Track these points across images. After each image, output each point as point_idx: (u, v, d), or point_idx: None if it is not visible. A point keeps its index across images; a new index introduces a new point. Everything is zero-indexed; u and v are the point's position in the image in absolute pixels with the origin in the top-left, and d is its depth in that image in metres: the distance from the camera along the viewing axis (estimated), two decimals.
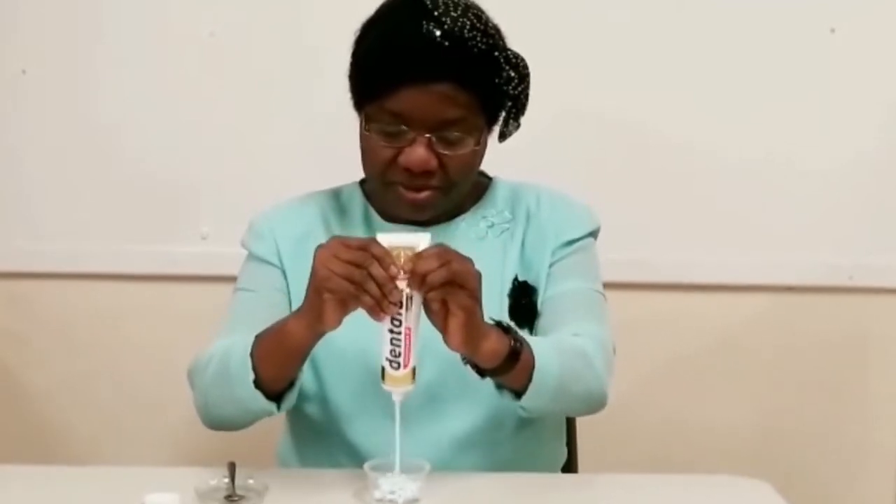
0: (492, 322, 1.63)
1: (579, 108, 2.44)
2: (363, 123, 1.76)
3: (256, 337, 1.65)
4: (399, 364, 1.57)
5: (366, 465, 1.62)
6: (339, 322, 1.56)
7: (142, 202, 2.52)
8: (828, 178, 2.50)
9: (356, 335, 1.67)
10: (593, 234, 1.90)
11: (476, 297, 1.56)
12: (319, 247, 1.57)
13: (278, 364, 1.65)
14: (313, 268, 1.56)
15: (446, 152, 1.73)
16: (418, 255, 1.54)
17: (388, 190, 1.79)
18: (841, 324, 2.55)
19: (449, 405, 1.75)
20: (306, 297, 1.58)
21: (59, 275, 2.54)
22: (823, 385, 2.57)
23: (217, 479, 1.56)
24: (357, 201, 1.90)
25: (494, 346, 1.60)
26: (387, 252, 1.54)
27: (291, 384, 1.69)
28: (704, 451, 2.49)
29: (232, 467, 1.59)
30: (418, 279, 1.53)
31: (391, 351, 1.56)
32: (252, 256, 1.88)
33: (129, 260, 2.52)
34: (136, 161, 2.50)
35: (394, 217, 1.84)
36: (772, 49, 2.45)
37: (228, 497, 1.55)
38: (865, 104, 2.47)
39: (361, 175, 1.88)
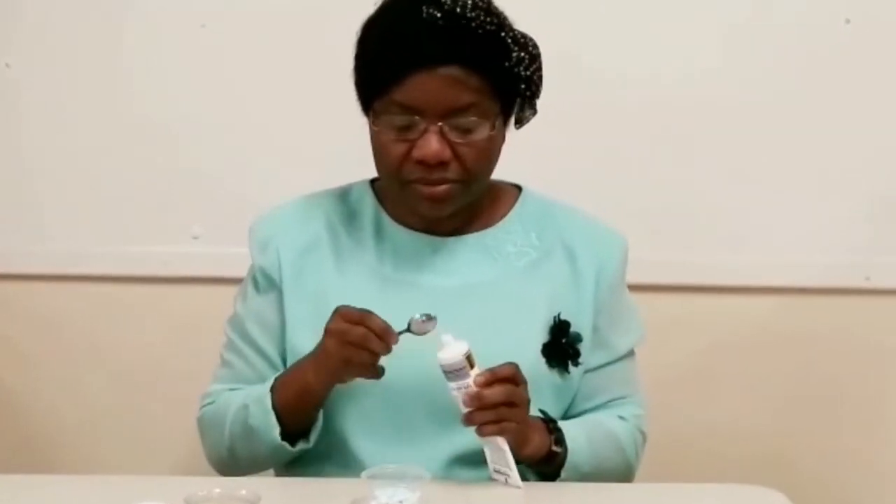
0: (538, 416, 1.75)
1: (583, 108, 2.41)
2: (372, 121, 1.74)
3: (272, 390, 1.73)
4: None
5: (363, 474, 1.59)
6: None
7: (132, 202, 2.49)
8: (843, 174, 2.47)
9: None
10: None
11: (525, 418, 1.69)
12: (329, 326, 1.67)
13: (304, 413, 1.73)
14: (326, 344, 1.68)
15: (460, 140, 1.71)
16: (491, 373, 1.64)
17: (404, 189, 1.76)
18: (857, 327, 2.52)
19: (454, 422, 1.70)
20: (322, 354, 1.68)
21: (48, 276, 2.51)
22: (839, 389, 2.54)
23: (207, 488, 1.53)
24: (367, 204, 1.86)
25: (533, 451, 1.72)
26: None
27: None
28: (714, 458, 2.45)
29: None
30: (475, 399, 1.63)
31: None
32: (254, 270, 1.86)
33: (119, 261, 2.49)
34: (124, 160, 2.47)
35: (407, 222, 1.82)
36: (786, 41, 2.43)
37: None
38: (882, 97, 2.44)
39: (358, 172, 1.86)
